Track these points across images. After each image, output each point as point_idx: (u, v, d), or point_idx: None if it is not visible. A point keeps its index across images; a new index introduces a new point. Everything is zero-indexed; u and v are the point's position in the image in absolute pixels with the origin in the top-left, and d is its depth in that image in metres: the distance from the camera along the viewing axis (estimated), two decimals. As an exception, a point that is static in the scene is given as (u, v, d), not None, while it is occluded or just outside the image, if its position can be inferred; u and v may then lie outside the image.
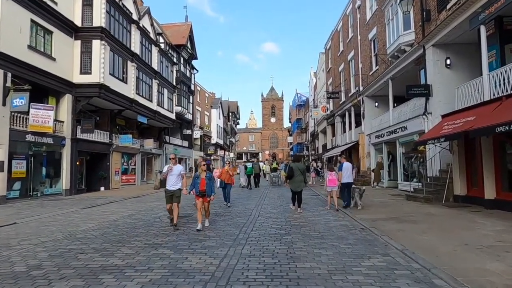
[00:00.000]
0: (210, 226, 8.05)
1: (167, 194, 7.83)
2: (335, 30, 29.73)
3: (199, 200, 7.77)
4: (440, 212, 9.40)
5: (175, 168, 7.87)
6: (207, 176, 7.79)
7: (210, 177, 7.87)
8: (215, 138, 50.10)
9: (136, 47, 23.24)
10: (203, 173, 7.82)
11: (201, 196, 7.71)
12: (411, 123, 14.41)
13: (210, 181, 7.79)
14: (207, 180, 7.73)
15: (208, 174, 7.85)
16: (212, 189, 7.80)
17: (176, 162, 8.13)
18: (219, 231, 7.51)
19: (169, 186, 7.79)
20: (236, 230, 7.54)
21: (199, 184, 7.69)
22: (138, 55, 23.18)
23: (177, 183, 7.79)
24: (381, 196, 14.21)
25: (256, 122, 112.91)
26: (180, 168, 7.95)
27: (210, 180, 7.82)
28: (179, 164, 8.23)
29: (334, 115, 30.27)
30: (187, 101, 37.18)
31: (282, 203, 12.80)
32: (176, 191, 7.76)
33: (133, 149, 24.84)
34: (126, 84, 21.74)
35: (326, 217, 9.33)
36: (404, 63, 15.25)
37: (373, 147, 20.32)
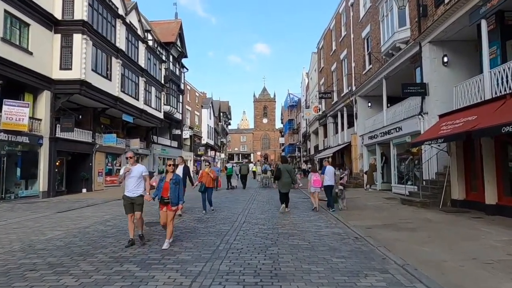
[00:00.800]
0: (189, 235, 7.27)
1: (126, 202, 6.36)
2: (327, 29, 29.18)
3: (162, 211, 6.26)
4: (438, 218, 8.77)
5: (135, 169, 6.42)
6: (173, 179, 6.25)
7: (178, 181, 6.28)
8: (205, 138, 49.17)
9: (122, 43, 22.31)
10: (169, 174, 6.37)
11: (164, 204, 6.23)
12: (406, 123, 13.83)
13: (177, 186, 6.20)
14: (172, 184, 6.18)
15: (175, 177, 6.32)
16: (179, 196, 6.20)
17: (135, 161, 6.65)
18: (198, 240, 6.74)
19: (128, 192, 6.33)
20: (217, 240, 6.77)
21: (162, 189, 6.22)
22: (123, 51, 22.24)
23: (138, 188, 6.39)
24: (374, 199, 13.58)
25: (248, 123, 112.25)
26: (141, 169, 6.51)
27: (177, 184, 6.23)
28: (140, 164, 6.78)
29: (326, 116, 29.69)
30: (176, 100, 36.23)
31: (270, 207, 12.08)
32: (137, 198, 6.34)
33: (118, 149, 23.86)
34: (110, 81, 20.79)
35: (317, 224, 8.63)
36: (399, 61, 14.67)
37: (366, 148, 19.75)
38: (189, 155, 42.72)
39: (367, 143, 19.14)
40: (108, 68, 20.67)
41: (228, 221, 9.05)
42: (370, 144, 18.77)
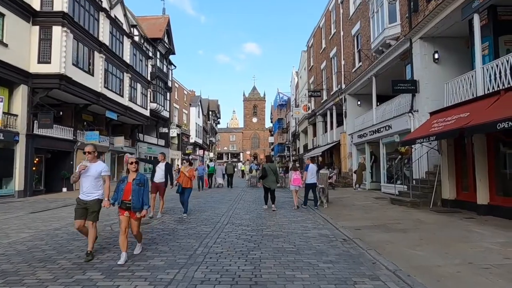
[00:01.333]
0: (166, 237, 6.75)
1: (78, 206, 5.26)
2: (317, 27, 28.87)
3: (123, 216, 5.16)
4: (429, 219, 8.44)
5: (93, 167, 5.28)
6: (137, 179, 5.19)
7: (142, 181, 5.24)
8: (193, 137, 48.44)
9: (105, 37, 21.53)
10: (131, 174, 5.26)
11: (125, 209, 5.15)
12: (396, 121, 13.54)
13: (141, 187, 5.17)
14: (136, 185, 5.13)
15: (139, 177, 5.24)
16: (143, 200, 5.18)
17: (96, 157, 5.41)
18: (175, 244, 6.23)
19: (82, 194, 5.25)
20: (196, 243, 6.27)
21: (122, 191, 5.13)
22: (107, 46, 21.46)
23: (95, 190, 5.27)
24: (363, 199, 13.25)
25: (238, 122, 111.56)
26: (100, 168, 5.31)
27: (142, 185, 5.20)
28: (100, 162, 5.55)
29: (315, 115, 29.39)
30: (163, 98, 35.48)
31: (256, 207, 11.62)
32: (92, 203, 5.23)
33: (101, 147, 23.04)
34: (92, 76, 20.01)
35: (304, 224, 8.21)
36: (389, 58, 14.38)
37: (355, 147, 19.46)
38: (176, 153, 42.00)
39: (356, 142, 18.85)
40: (90, 62, 19.89)
41: (210, 222, 8.55)
42: (359, 143, 18.49)
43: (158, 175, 9.35)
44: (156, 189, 9.36)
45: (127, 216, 5.18)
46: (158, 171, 9.37)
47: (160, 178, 9.34)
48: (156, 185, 9.36)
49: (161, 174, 9.34)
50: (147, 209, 5.29)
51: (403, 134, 12.98)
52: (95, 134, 21.13)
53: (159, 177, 9.36)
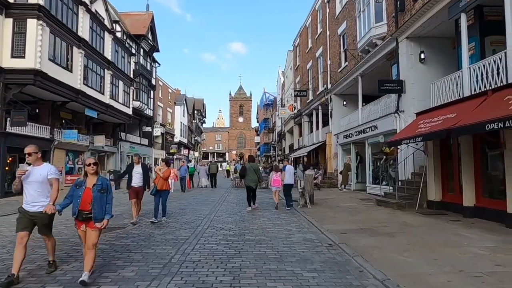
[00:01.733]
0: (141, 244, 6.31)
1: (21, 216, 4.36)
2: (303, 26, 28.70)
3: (80, 229, 4.35)
4: (416, 222, 8.26)
5: (36, 171, 4.40)
6: (98, 184, 4.31)
7: (105, 186, 4.37)
8: (178, 136, 47.63)
9: (85, 32, 20.74)
10: (90, 178, 4.36)
11: (83, 221, 4.28)
12: (382, 122, 13.40)
13: (104, 194, 4.32)
14: (97, 191, 4.27)
15: (101, 181, 4.36)
16: (106, 208, 4.33)
17: (39, 159, 4.54)
18: (150, 251, 5.80)
19: (26, 204, 4.36)
20: (173, 250, 5.86)
21: (80, 198, 4.23)
22: (86, 41, 20.67)
23: (42, 198, 4.38)
24: (349, 200, 13.06)
25: (224, 121, 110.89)
26: (45, 170, 4.43)
27: (104, 191, 4.33)
28: (46, 164, 4.63)
29: (301, 114, 29.22)
30: (147, 96, 34.67)
31: (240, 209, 11.25)
32: (39, 216, 4.32)
33: (80, 146, 22.26)
34: (71, 72, 19.22)
35: (288, 228, 7.89)
36: (375, 58, 14.24)
37: (341, 148, 19.33)
38: (160, 153, 41.18)
39: (342, 142, 18.71)
40: (68, 58, 19.10)
41: (190, 226, 8.14)
42: (345, 143, 18.35)
43: (136, 179, 8.67)
44: (136, 194, 8.64)
45: (83, 230, 4.35)
46: (135, 175, 8.67)
47: (139, 182, 8.67)
48: (136, 190, 8.64)
49: (138, 177, 8.67)
50: (108, 219, 4.39)
51: (389, 135, 12.85)
52: (74, 132, 20.32)
53: (137, 181, 8.68)
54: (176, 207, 11.74)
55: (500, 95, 6.96)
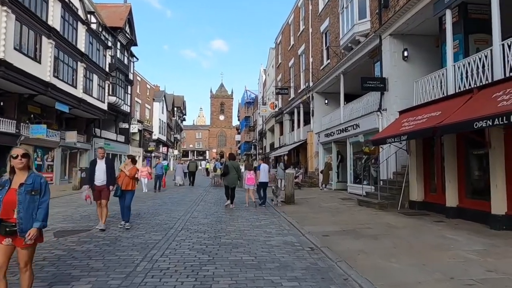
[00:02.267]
0: (105, 249, 5.68)
1: None
2: (286, 23, 28.37)
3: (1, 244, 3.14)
4: (399, 223, 7.99)
5: None
6: (27, 184, 3.18)
7: (38, 186, 3.26)
8: (157, 133, 46.38)
9: (56, 21, 19.57)
10: (18, 175, 3.22)
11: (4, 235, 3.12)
12: (364, 120, 13.18)
13: (35, 197, 3.22)
14: (24, 194, 3.15)
15: (32, 179, 3.23)
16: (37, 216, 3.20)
17: None
18: (113, 257, 5.20)
19: None
20: (140, 256, 5.29)
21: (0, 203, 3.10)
22: (57, 31, 19.51)
23: None
24: (330, 200, 12.77)
25: (205, 119, 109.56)
26: None
27: (36, 193, 3.23)
28: None
29: (282, 113, 28.92)
30: (124, 91, 33.42)
31: (218, 209, 10.72)
32: None
33: (49, 142, 21.04)
34: (39, 64, 18.07)
35: (268, 230, 7.44)
36: (358, 55, 14.01)
37: (322, 147, 19.09)
38: (138, 150, 39.94)
39: (323, 141, 18.47)
40: (37, 48, 17.95)
41: (163, 228, 7.55)
42: (326, 142, 18.12)
43: (99, 176, 7.33)
44: (99, 194, 7.36)
45: (8, 245, 3.14)
46: (99, 172, 7.34)
47: (103, 180, 7.31)
48: (99, 189, 7.33)
49: (102, 174, 7.33)
50: (38, 228, 3.16)
51: (371, 133, 12.63)
52: (42, 127, 19.16)
53: (101, 178, 7.31)
54: (149, 207, 11.08)
55: (487, 93, 6.76)
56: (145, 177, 16.82)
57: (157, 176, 17.31)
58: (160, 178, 17.35)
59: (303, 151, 23.53)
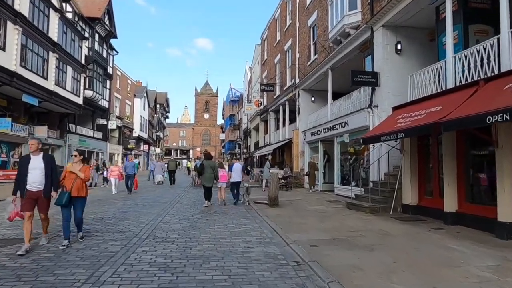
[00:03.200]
0: (43, 266, 4.58)
1: None
2: (272, 18, 27.49)
3: None
4: (394, 229, 7.17)
5: None
6: None
7: None
8: (137, 131, 44.69)
9: (24, 6, 18.02)
10: None
11: None
12: (354, 117, 12.38)
13: None
14: None
15: None
16: None
17: None
18: (49, 277, 4.12)
19: None
20: (85, 275, 4.23)
21: None
22: (25, 17, 17.97)
23: None
24: (316, 202, 11.92)
25: (190, 118, 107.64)
26: None
27: None
28: None
29: (267, 111, 28.02)
30: (102, 86, 31.78)
31: (194, 212, 9.69)
32: None
33: (17, 137, 19.47)
34: (3, 51, 16.55)
35: (247, 238, 6.49)
36: (348, 49, 13.22)
37: (308, 146, 18.28)
38: (117, 148, 38.36)
39: (309, 139, 17.66)
40: (1, 34, 16.42)
41: (125, 236, 6.48)
42: (313, 141, 17.31)
43: (34, 178, 5.37)
44: (34, 203, 5.40)
45: None
46: (34, 172, 5.38)
47: (39, 184, 5.40)
48: (34, 197, 5.38)
49: (39, 176, 5.40)
50: None
51: (360, 131, 11.86)
52: (6, 121, 17.64)
53: (36, 181, 5.37)
54: (117, 210, 9.94)
55: (496, 85, 5.99)
56: (116, 178, 15.26)
57: (128, 176, 15.02)
58: (132, 178, 15.12)
59: (288, 151, 22.69)
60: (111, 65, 34.97)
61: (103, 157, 33.78)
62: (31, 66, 19.09)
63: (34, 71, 19.39)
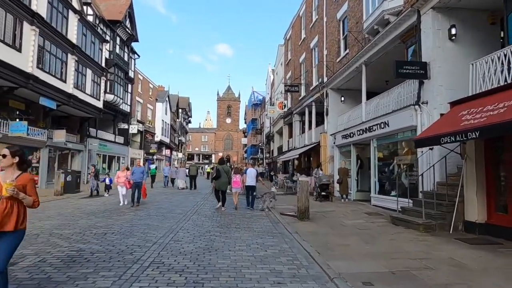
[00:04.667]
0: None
1: None
2: (296, 16, 26.09)
3: None
4: (469, 259, 5.49)
5: None
6: None
7: None
8: (159, 135, 44.27)
9: (41, 7, 17.55)
10: None
11: None
12: (396, 117, 10.71)
13: None
14: None
15: None
16: None
17: None
18: None
19: None
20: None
21: None
22: (42, 18, 17.47)
23: None
24: (353, 215, 10.31)
25: (213, 123, 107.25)
26: None
27: None
28: None
29: (292, 113, 26.52)
30: (123, 90, 31.41)
31: (212, 226, 8.36)
32: None
33: (34, 142, 18.96)
34: (19, 52, 16.04)
35: (276, 268, 5.03)
36: (386, 39, 11.59)
37: (338, 150, 16.63)
38: (138, 153, 37.91)
39: (340, 143, 16.02)
40: (16, 35, 15.91)
41: (123, 261, 5.19)
42: (344, 144, 15.67)
43: None
44: None
45: None
46: None
47: None
48: None
49: None
50: None
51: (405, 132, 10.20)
52: (22, 124, 17.07)
53: None
54: (125, 222, 8.75)
55: None
56: (123, 185, 12.77)
57: (135, 185, 12.19)
58: (139, 187, 12.28)
59: (315, 155, 21.08)
60: (133, 68, 34.63)
61: (124, 162, 33.32)
62: (49, 69, 18.59)
63: (52, 74, 18.89)
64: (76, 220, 8.85)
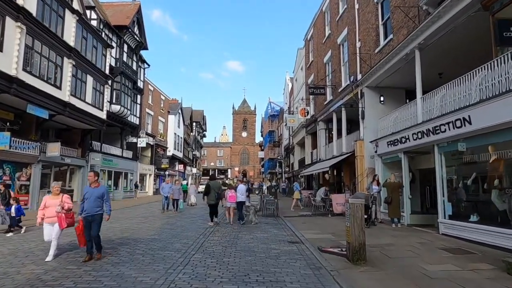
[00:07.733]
0: None
1: None
2: (318, 12, 23.34)
3: None
4: None
5: None
6: None
7: None
8: (171, 149, 41.84)
9: (30, 2, 15.39)
10: None
11: None
12: (485, 110, 7.49)
13: None
14: None
15: None
16: None
17: None
18: None
19: None
20: None
21: None
22: (31, 15, 15.29)
23: None
24: (428, 252, 7.03)
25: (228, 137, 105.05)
26: None
27: None
28: None
29: (316, 121, 23.45)
30: (131, 100, 29.25)
31: (223, 272, 5.29)
32: None
33: (23, 156, 16.58)
34: (0, 52, 13.79)
35: None
36: (457, 8, 8.50)
37: (380, 160, 13.42)
38: (149, 168, 35.49)
39: (384, 151, 12.83)
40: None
41: None
42: (390, 152, 12.47)
43: None
44: None
45: None
46: None
47: None
48: None
49: None
50: None
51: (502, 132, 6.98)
52: (5, 136, 14.62)
53: None
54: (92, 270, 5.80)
55: None
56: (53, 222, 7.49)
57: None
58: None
59: (348, 168, 17.86)
60: (142, 78, 32.55)
61: (132, 178, 30.82)
62: (39, 72, 16.30)
63: (43, 78, 16.60)
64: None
